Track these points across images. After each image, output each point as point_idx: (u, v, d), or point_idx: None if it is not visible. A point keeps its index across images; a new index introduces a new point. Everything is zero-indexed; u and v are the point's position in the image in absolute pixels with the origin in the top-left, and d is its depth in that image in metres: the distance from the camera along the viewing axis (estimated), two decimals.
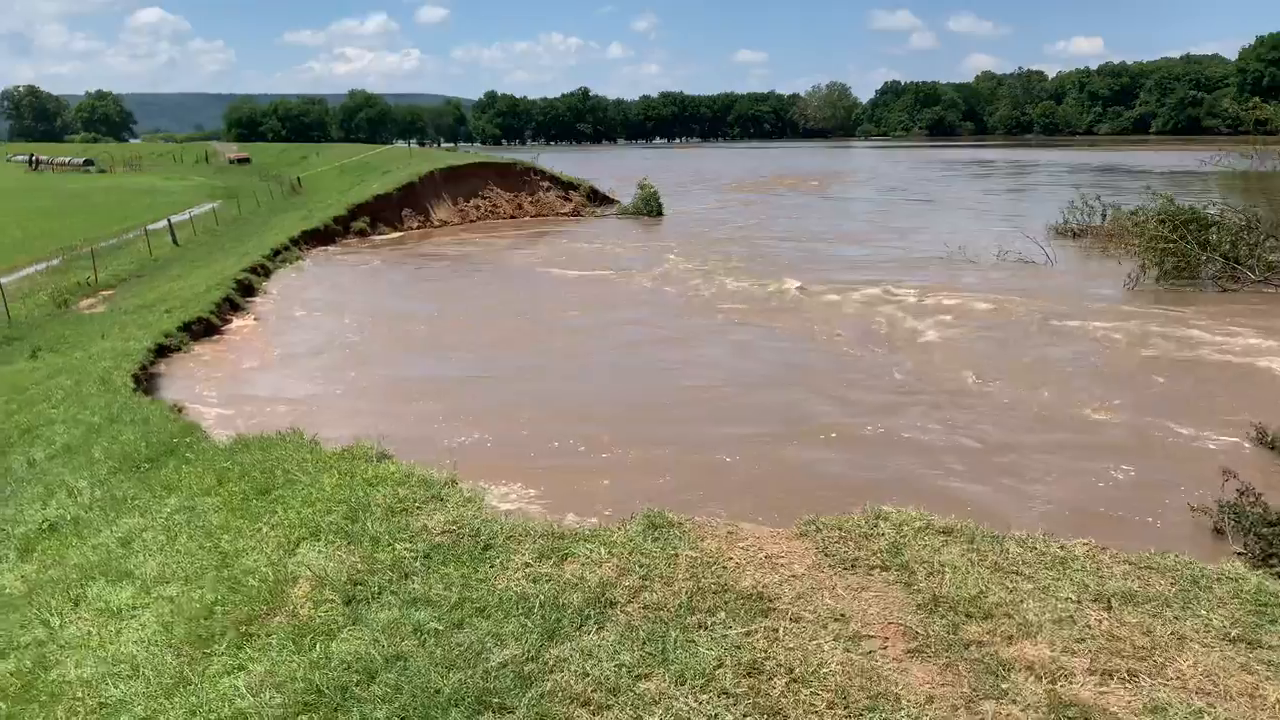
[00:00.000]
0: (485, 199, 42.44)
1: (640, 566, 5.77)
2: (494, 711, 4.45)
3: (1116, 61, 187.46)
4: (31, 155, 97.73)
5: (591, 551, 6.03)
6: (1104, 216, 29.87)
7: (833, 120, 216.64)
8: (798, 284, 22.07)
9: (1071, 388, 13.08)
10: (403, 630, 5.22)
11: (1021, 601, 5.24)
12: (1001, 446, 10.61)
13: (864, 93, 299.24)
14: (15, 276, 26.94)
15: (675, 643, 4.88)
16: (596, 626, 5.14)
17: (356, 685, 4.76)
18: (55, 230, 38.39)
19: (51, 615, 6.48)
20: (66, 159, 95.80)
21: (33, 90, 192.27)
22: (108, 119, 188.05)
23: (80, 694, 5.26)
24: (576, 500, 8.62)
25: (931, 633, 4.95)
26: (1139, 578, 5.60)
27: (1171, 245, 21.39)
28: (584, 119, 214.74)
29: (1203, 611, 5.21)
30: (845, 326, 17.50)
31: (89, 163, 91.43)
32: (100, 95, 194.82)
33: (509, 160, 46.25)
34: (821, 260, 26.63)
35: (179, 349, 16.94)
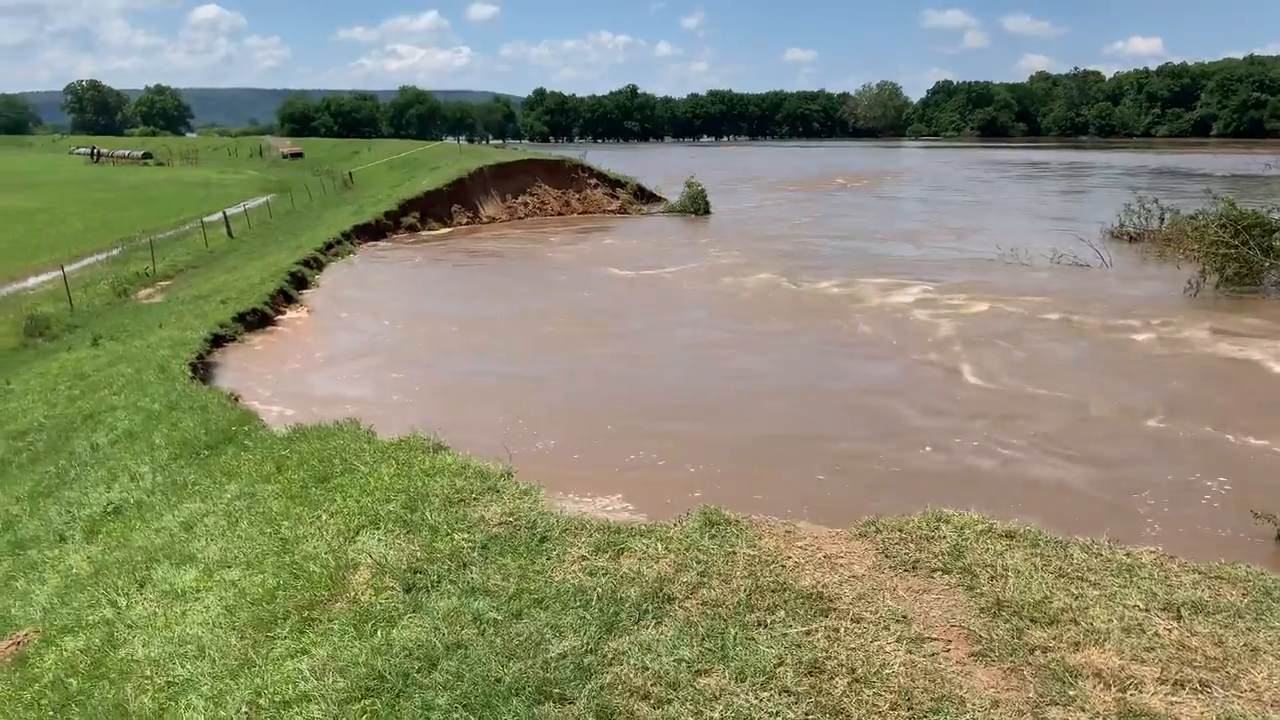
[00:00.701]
0: (533, 196, 42.68)
1: (698, 563, 5.75)
2: (555, 702, 4.47)
3: (1176, 62, 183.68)
4: (93, 148, 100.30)
5: (648, 547, 6.03)
6: (1162, 220, 29.24)
7: (883, 120, 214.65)
8: (850, 284, 21.91)
9: (1130, 395, 12.83)
10: (462, 619, 5.26)
11: (1088, 608, 5.14)
12: (1064, 456, 10.44)
13: (915, 92, 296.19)
14: (77, 266, 27.64)
15: (734, 640, 4.86)
16: (654, 621, 5.13)
17: (418, 672, 4.80)
18: (115, 221, 39.34)
19: (118, 595, 6.62)
20: (126, 152, 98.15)
21: (95, 85, 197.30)
22: (166, 113, 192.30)
23: (149, 672, 5.38)
24: (642, 502, 8.54)
25: (995, 637, 4.87)
26: (1209, 587, 5.47)
27: (1233, 251, 20.89)
28: (631, 117, 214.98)
29: (1276, 623, 5.07)
30: (899, 330, 17.32)
31: (147, 156, 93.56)
32: (159, 90, 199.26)
33: (557, 157, 46.46)
34: (872, 260, 26.37)
35: (234, 339, 17.24)
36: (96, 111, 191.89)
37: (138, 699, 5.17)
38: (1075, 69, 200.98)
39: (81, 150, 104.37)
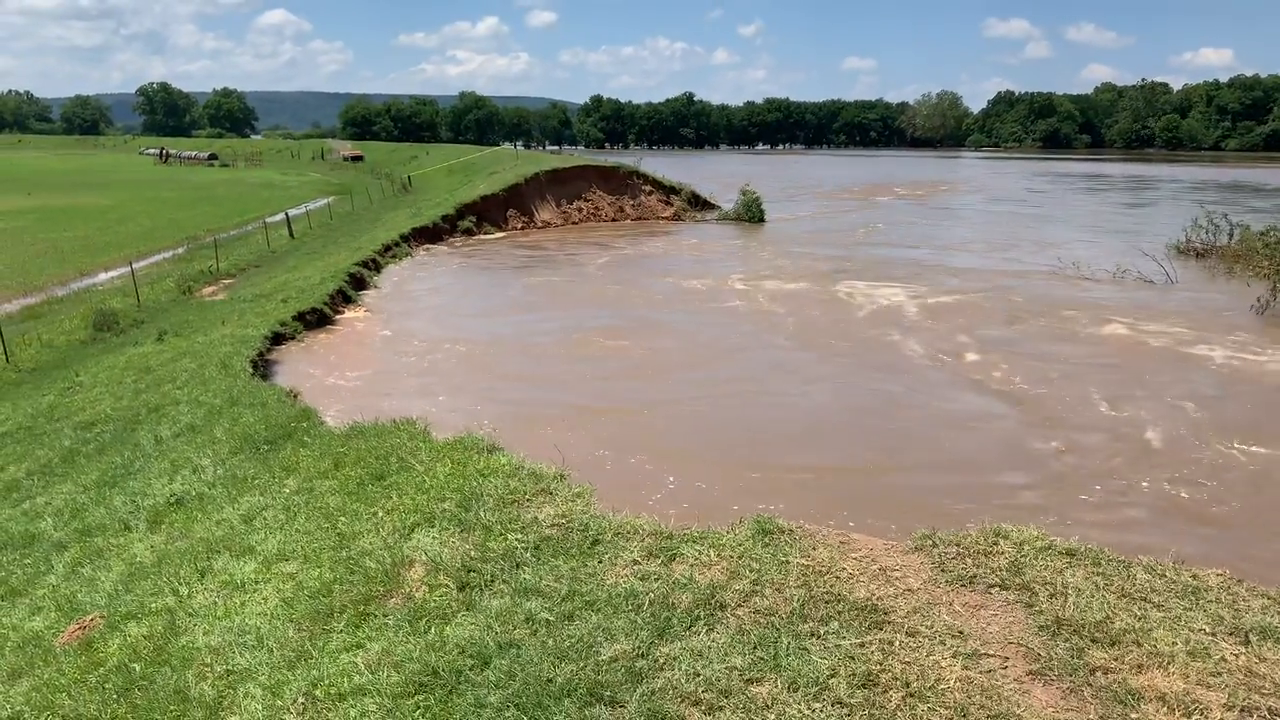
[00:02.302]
0: (588, 201, 42.88)
1: (750, 571, 5.72)
2: (606, 704, 4.47)
3: (1249, 74, 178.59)
4: (161, 149, 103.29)
5: (700, 553, 6.01)
6: (1231, 236, 28.51)
7: (942, 130, 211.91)
8: (919, 298, 21.70)
9: (1200, 421, 12.52)
10: (515, 619, 5.29)
11: (1151, 630, 5.01)
12: (1121, 477, 10.23)
13: (975, 103, 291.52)
14: (145, 263, 28.36)
15: (787, 649, 4.82)
16: (706, 628, 5.11)
17: (471, 670, 4.84)
18: (181, 220, 40.35)
19: (180, 585, 6.78)
20: (193, 153, 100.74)
21: (165, 87, 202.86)
22: (231, 115, 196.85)
23: (209, 660, 5.50)
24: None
25: (1054, 655, 4.77)
26: (1279, 613, 5.30)
27: None
28: (687, 124, 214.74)
29: None
30: (971, 348, 17.09)
31: (213, 157, 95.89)
32: (226, 93, 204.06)
33: (612, 164, 46.59)
34: (933, 272, 26.04)
35: (293, 337, 17.57)
36: (166, 113, 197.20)
37: (198, 685, 5.28)
38: (1142, 80, 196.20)
39: (151, 151, 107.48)
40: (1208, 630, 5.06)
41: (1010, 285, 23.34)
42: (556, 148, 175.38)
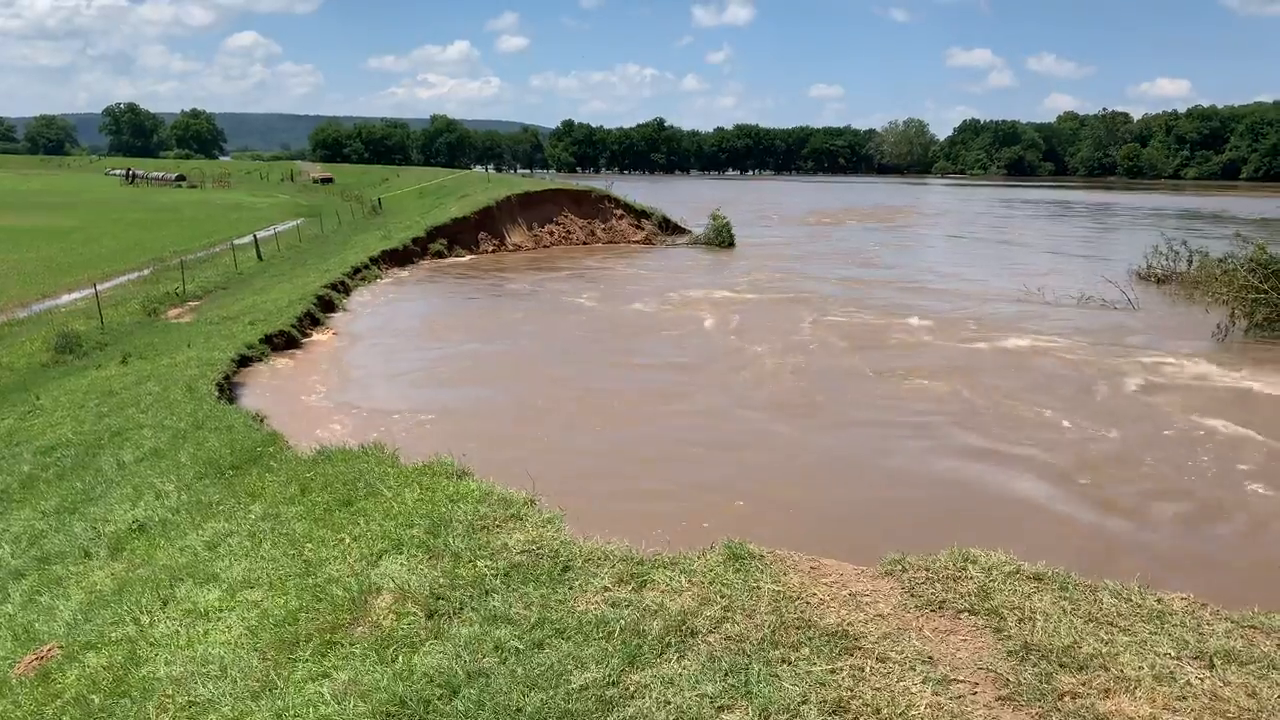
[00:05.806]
0: (559, 225, 42.96)
1: (721, 597, 5.70)
2: None
3: (1205, 105, 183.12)
4: (128, 169, 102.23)
5: (671, 579, 5.99)
6: (1190, 263, 29.07)
7: (909, 157, 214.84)
8: (903, 326, 21.89)
9: (1165, 447, 12.71)
10: (484, 647, 5.23)
11: (1118, 654, 5.05)
12: (1112, 502, 10.36)
13: (940, 130, 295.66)
14: (109, 285, 28.00)
15: (758, 676, 4.80)
16: (677, 655, 5.08)
17: (439, 699, 4.77)
18: (147, 241, 39.90)
19: (141, 613, 6.64)
20: (160, 174, 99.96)
21: (132, 108, 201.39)
22: (200, 137, 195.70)
23: (170, 691, 5.37)
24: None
25: (1023, 681, 4.79)
26: (1242, 636, 5.36)
27: (1263, 296, 20.71)
28: (658, 149, 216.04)
29: None
30: (968, 380, 17.24)
31: (181, 178, 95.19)
32: (194, 114, 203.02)
33: (583, 188, 46.78)
34: (906, 296, 26.30)
35: (260, 360, 17.40)
36: (133, 134, 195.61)
37: (159, 717, 5.17)
38: (1103, 109, 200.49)
39: (117, 171, 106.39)
40: (1173, 655, 5.10)
41: (980, 307, 23.63)
42: (528, 171, 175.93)
